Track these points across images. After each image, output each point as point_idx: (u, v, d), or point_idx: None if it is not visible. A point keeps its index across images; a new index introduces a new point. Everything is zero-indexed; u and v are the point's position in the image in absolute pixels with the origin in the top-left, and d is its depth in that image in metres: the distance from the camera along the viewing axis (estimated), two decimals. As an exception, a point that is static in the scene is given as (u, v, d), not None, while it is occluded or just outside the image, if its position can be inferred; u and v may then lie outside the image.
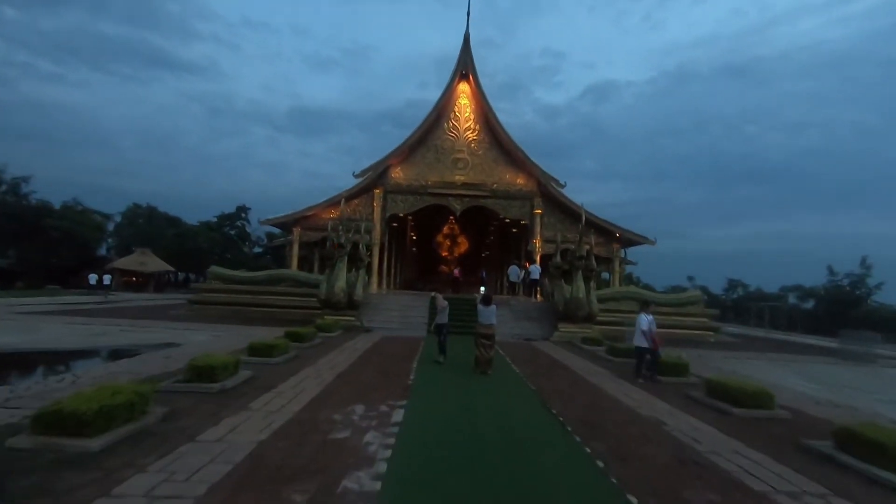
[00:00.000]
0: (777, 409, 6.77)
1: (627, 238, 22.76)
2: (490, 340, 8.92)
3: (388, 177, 22.38)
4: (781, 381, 10.12)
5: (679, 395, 7.77)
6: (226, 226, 47.20)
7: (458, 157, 22.56)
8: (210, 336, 12.62)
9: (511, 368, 9.59)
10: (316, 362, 9.16)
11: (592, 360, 11.23)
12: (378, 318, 16.48)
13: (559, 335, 15.37)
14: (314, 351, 10.58)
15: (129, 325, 14.02)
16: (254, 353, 8.89)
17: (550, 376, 8.96)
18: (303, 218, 22.29)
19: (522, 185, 22.60)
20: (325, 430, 5.03)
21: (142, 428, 4.73)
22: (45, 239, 38.04)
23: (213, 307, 18.39)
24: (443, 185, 22.35)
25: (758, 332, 24.67)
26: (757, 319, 27.47)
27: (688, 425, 5.96)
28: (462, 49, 22.30)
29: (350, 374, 8.19)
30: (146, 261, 37.21)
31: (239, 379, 7.02)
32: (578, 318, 15.33)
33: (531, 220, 22.59)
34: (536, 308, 18.82)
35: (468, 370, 9.02)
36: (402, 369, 8.82)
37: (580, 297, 15.17)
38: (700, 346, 16.39)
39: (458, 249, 38.49)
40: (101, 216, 52.72)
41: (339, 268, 15.48)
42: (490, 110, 22.16)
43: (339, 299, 15.19)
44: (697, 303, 19.35)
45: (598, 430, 5.56)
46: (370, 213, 22.33)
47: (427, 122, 22.12)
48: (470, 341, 9.53)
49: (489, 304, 9.05)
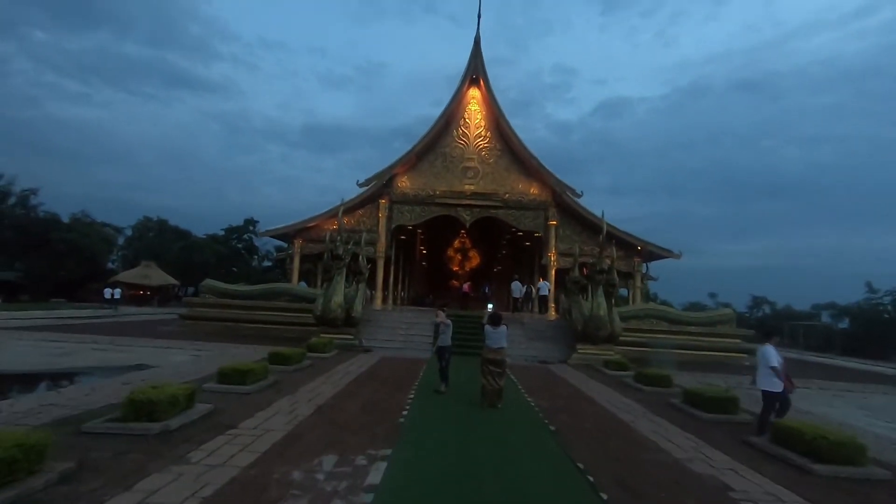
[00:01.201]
0: (870, 464, 5.26)
1: (649, 251, 21.23)
2: (500, 368, 7.53)
3: (394, 186, 21.28)
4: (848, 418, 8.52)
5: (734, 440, 6.27)
6: (233, 239, 46.61)
7: (468, 165, 21.39)
8: (190, 356, 11.43)
9: (524, 400, 8.18)
10: (296, 391, 7.86)
11: (619, 390, 9.73)
12: (379, 337, 15.15)
13: (578, 357, 13.86)
14: (299, 376, 9.28)
15: (108, 343, 12.91)
16: (223, 379, 7.63)
17: (572, 411, 7.52)
18: (304, 229, 21.23)
19: (536, 195, 21.29)
20: (273, 499, 3.70)
21: (20, 496, 3.46)
22: (51, 252, 37.70)
23: (205, 323, 17.28)
24: (452, 195, 21.15)
25: (791, 354, 22.72)
26: (791, 340, 25.44)
27: (761, 491, 4.49)
28: (472, 53, 21.31)
29: (331, 409, 6.87)
30: (150, 274, 36.54)
31: (191, 416, 5.74)
32: (599, 338, 13.82)
33: (545, 232, 21.22)
34: (551, 326, 17.32)
35: (473, 403, 7.64)
36: (395, 402, 7.47)
37: (601, 314, 13.68)
38: (735, 371, 14.70)
39: (469, 264, 37.09)
40: (113, 229, 52.73)
41: (337, 281, 14.26)
42: (502, 116, 21.02)
43: (335, 316, 13.93)
44: (730, 322, 17.65)
45: (642, 497, 4.14)
46: (375, 223, 21.19)
47: (435, 128, 21.04)
48: (476, 363, 8.16)
49: (498, 324, 7.67)
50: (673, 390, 9.64)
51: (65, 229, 39.04)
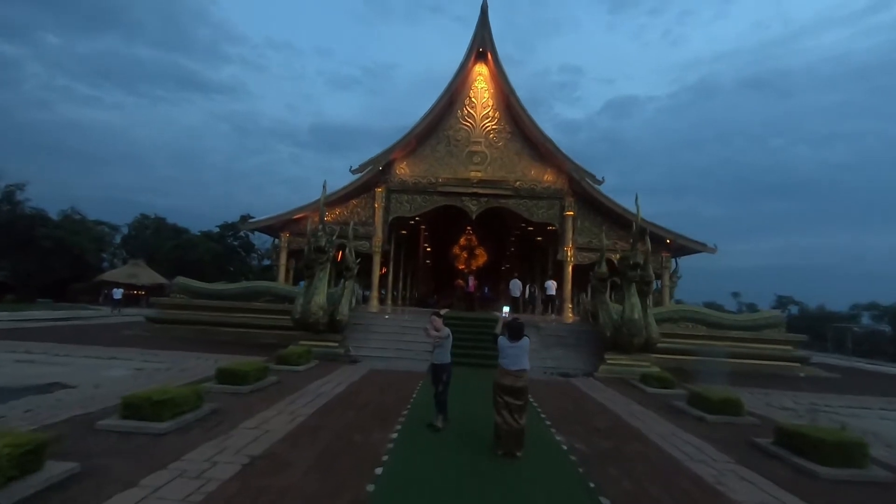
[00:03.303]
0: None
1: (679, 245, 18.79)
2: (520, 399, 5.22)
3: (391, 173, 19.02)
4: None
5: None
6: (229, 236, 44.65)
7: (475, 149, 19.08)
8: (132, 370, 9.26)
9: (551, 439, 5.89)
10: (235, 427, 5.64)
11: (674, 419, 7.39)
12: (370, 345, 12.93)
13: (606, 369, 11.54)
14: (253, 400, 7.07)
15: (43, 352, 10.78)
16: (130, 413, 5.43)
17: (621, 458, 5.22)
18: (291, 221, 19.03)
19: (551, 183, 18.92)
20: None
21: None
22: (37, 250, 35.93)
23: (176, 326, 15.17)
24: (456, 183, 18.83)
25: (835, 360, 20.22)
26: (835, 344, 22.83)
27: None
28: (479, 23, 18.99)
29: (276, 458, 4.64)
30: (138, 273, 34.63)
31: (31, 485, 3.54)
32: (633, 346, 11.47)
33: (561, 224, 18.83)
34: (571, 331, 15.00)
35: (482, 447, 5.38)
36: (371, 447, 5.22)
37: (635, 318, 11.34)
38: (791, 384, 12.31)
39: (475, 262, 34.71)
40: (110, 227, 51.06)
41: (320, 278, 12.05)
42: (512, 94, 18.68)
43: (316, 319, 11.72)
44: (779, 326, 15.21)
45: None
46: (370, 215, 18.95)
47: (437, 108, 18.73)
48: (488, 378, 5.86)
49: (518, 336, 5.34)
50: (746, 420, 7.32)
51: (52, 226, 37.29)
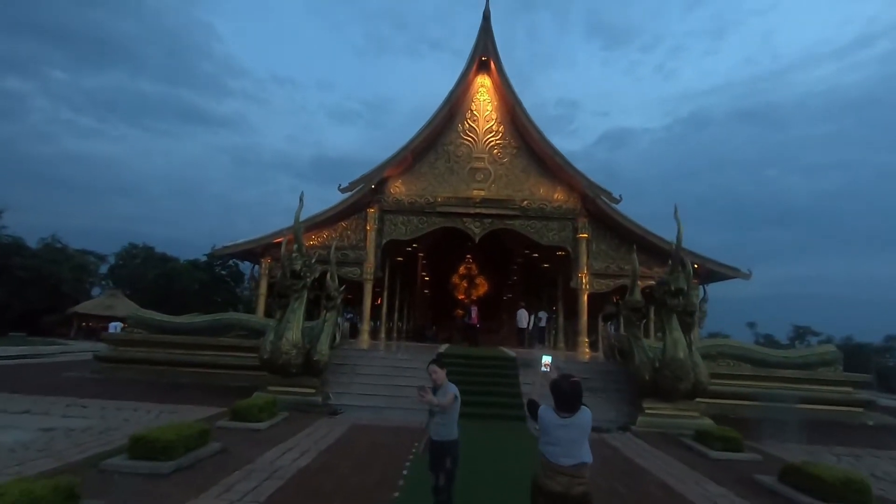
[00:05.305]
0: None
1: (709, 271, 16.76)
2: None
3: (385, 192, 17.19)
4: None
5: None
6: (217, 265, 42.54)
7: (477, 166, 17.32)
8: (34, 434, 7.03)
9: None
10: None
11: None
12: (355, 390, 10.67)
13: (647, 421, 9.30)
14: (167, 489, 4.85)
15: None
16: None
17: None
18: (271, 245, 17.02)
19: (562, 202, 17.08)
20: None
21: None
22: (10, 279, 33.78)
23: (130, 366, 12.92)
24: (457, 203, 16.97)
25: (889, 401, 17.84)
26: (879, 382, 20.43)
27: None
28: (481, 29, 17.57)
29: None
30: (114, 304, 32.31)
31: None
32: (679, 392, 9.27)
33: (574, 248, 16.86)
34: (593, 371, 12.79)
35: None
36: None
37: (680, 356, 9.18)
38: (869, 437, 10.04)
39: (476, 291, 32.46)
40: (96, 257, 49.04)
41: (293, 310, 9.94)
42: (518, 105, 17.06)
43: (288, 359, 9.53)
44: (835, 363, 13.00)
45: None
46: (362, 238, 17.00)
47: (435, 121, 17.06)
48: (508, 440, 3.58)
49: (574, 408, 3.06)
50: None
51: (28, 255, 35.25)
